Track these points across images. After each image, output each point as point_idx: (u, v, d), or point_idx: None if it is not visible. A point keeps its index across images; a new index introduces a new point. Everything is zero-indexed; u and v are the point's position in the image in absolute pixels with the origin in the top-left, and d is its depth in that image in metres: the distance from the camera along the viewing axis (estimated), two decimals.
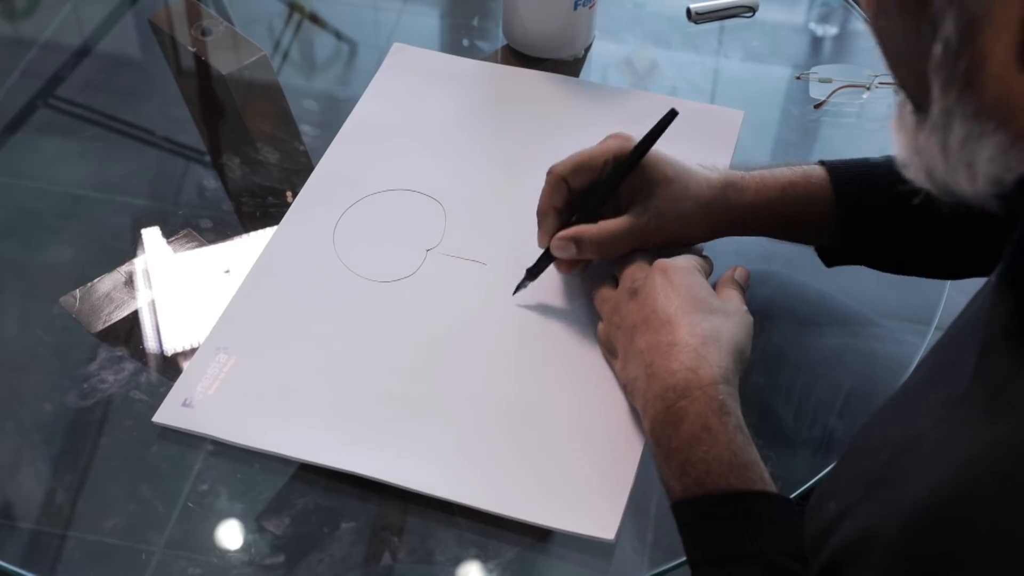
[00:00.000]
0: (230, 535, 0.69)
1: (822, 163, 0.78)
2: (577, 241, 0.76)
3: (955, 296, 0.85)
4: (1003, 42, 0.40)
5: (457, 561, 0.68)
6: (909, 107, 0.47)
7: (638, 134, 0.78)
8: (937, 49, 0.42)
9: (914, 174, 0.48)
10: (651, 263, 0.74)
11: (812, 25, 1.16)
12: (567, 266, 0.79)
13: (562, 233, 0.76)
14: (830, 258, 0.80)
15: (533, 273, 0.80)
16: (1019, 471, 0.42)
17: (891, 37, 0.46)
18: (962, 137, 0.44)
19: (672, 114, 0.77)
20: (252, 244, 0.85)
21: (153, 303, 0.81)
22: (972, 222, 0.74)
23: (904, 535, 0.45)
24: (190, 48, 1.00)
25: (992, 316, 0.49)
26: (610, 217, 0.77)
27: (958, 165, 0.45)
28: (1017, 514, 0.41)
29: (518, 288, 0.80)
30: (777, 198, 0.77)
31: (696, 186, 0.76)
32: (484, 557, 0.68)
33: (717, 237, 0.80)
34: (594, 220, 0.77)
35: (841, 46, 1.14)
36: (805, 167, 0.78)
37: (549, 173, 0.77)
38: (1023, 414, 0.44)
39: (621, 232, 0.75)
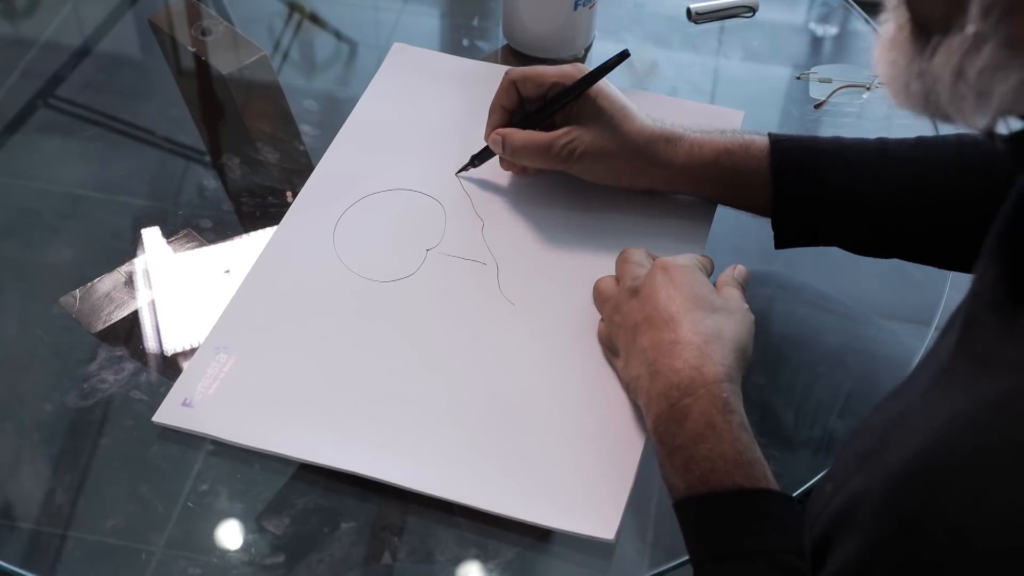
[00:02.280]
0: (230, 535, 0.69)
1: (770, 135, 0.79)
2: (503, 139, 0.82)
3: (955, 296, 0.85)
4: None
5: (457, 561, 0.68)
6: (908, 30, 0.47)
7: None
8: None
9: (901, 98, 0.48)
10: (652, 262, 0.75)
11: (812, 25, 1.16)
12: (506, 164, 0.86)
13: (497, 129, 0.84)
14: (779, 237, 0.80)
15: (475, 161, 0.88)
16: (999, 431, 0.43)
17: None
18: (983, 66, 0.43)
19: (624, 55, 0.82)
20: (252, 244, 0.85)
21: (153, 303, 0.81)
22: (909, 209, 0.75)
23: (889, 495, 0.46)
24: (190, 48, 1.00)
25: (977, 287, 0.50)
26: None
27: (968, 94, 0.44)
28: (996, 471, 0.42)
29: (461, 170, 0.88)
30: (710, 162, 0.79)
31: (628, 129, 0.80)
32: (484, 557, 0.68)
33: (644, 187, 0.84)
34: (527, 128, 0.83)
35: (841, 46, 1.14)
36: (747, 136, 0.80)
37: (504, 76, 0.84)
38: (1005, 377, 0.44)
39: (538, 144, 0.81)
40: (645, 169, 0.81)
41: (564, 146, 0.80)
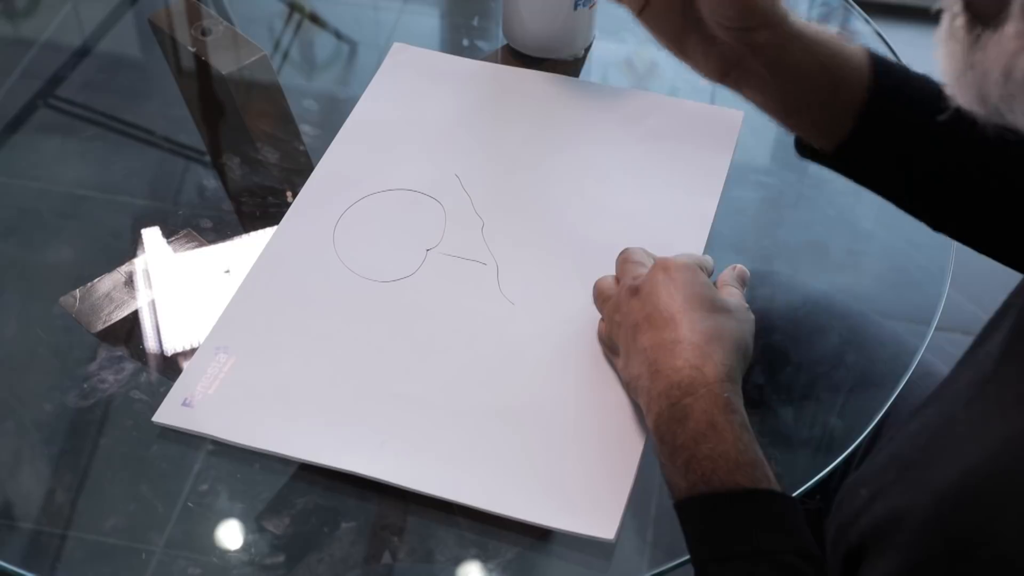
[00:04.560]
0: (230, 535, 0.69)
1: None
2: None
3: (955, 296, 0.85)
4: None
5: (457, 561, 0.68)
6: (962, 20, 0.45)
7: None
8: None
9: (958, 91, 0.46)
10: (652, 261, 0.74)
11: None
12: None
13: None
14: (807, 150, 0.74)
15: None
16: None
17: None
18: None
19: None
20: (252, 244, 0.85)
21: (153, 303, 0.81)
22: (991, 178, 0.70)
23: (937, 514, 0.45)
24: (190, 48, 1.00)
25: None
26: None
27: (1018, 93, 0.43)
28: None
29: None
30: (821, 41, 0.70)
31: None
32: (484, 557, 0.68)
33: (754, 40, 0.70)
34: None
35: None
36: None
37: None
38: None
39: None
40: (766, 16, 0.68)
41: None
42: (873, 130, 0.71)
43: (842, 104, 0.71)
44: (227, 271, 0.83)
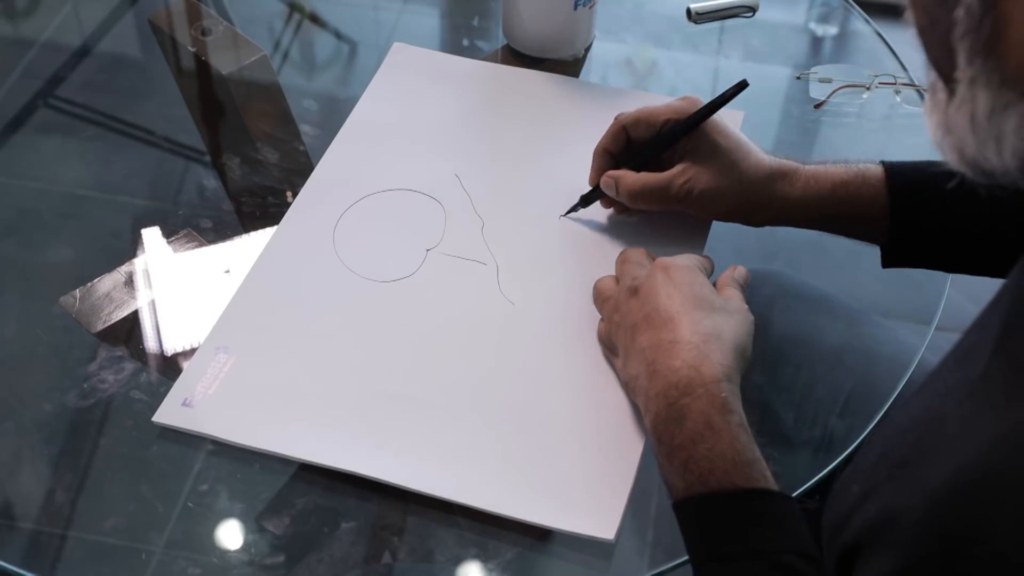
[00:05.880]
0: (230, 535, 0.69)
1: (883, 163, 0.78)
2: (617, 182, 0.80)
3: (955, 296, 0.85)
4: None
5: (457, 561, 0.68)
6: (940, 85, 0.47)
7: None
8: (959, 15, 0.42)
9: (947, 155, 0.48)
10: (651, 261, 0.75)
11: (812, 25, 1.16)
12: (608, 203, 0.84)
13: (609, 172, 0.81)
14: (888, 259, 0.79)
15: (585, 201, 0.84)
16: None
17: (921, 7, 0.46)
18: (988, 109, 0.43)
19: (742, 85, 0.80)
20: (252, 244, 0.85)
21: (153, 303, 0.81)
22: None
23: (931, 513, 0.45)
24: (190, 48, 1.00)
25: (1017, 294, 0.49)
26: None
27: (987, 139, 0.44)
28: None
29: (569, 211, 0.85)
30: (828, 194, 0.77)
31: (746, 166, 0.78)
32: (484, 557, 0.68)
33: (759, 223, 0.81)
34: (640, 170, 0.80)
35: (841, 46, 1.14)
36: (862, 166, 0.78)
37: (615, 120, 0.82)
38: None
39: (655, 186, 0.79)
40: (763, 205, 0.78)
41: (682, 186, 0.78)
42: (907, 232, 0.77)
43: (870, 229, 0.78)
44: (227, 271, 0.83)
